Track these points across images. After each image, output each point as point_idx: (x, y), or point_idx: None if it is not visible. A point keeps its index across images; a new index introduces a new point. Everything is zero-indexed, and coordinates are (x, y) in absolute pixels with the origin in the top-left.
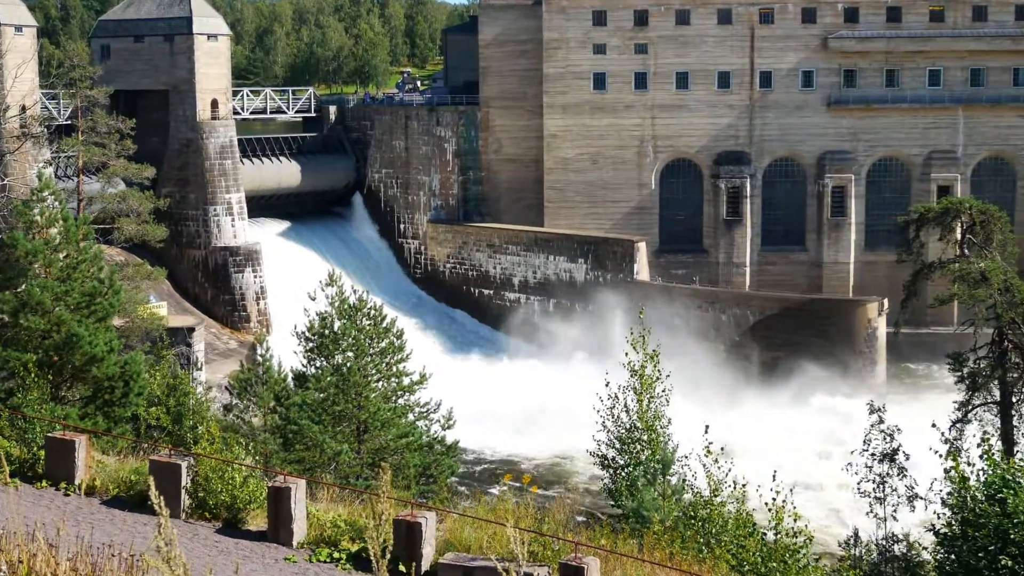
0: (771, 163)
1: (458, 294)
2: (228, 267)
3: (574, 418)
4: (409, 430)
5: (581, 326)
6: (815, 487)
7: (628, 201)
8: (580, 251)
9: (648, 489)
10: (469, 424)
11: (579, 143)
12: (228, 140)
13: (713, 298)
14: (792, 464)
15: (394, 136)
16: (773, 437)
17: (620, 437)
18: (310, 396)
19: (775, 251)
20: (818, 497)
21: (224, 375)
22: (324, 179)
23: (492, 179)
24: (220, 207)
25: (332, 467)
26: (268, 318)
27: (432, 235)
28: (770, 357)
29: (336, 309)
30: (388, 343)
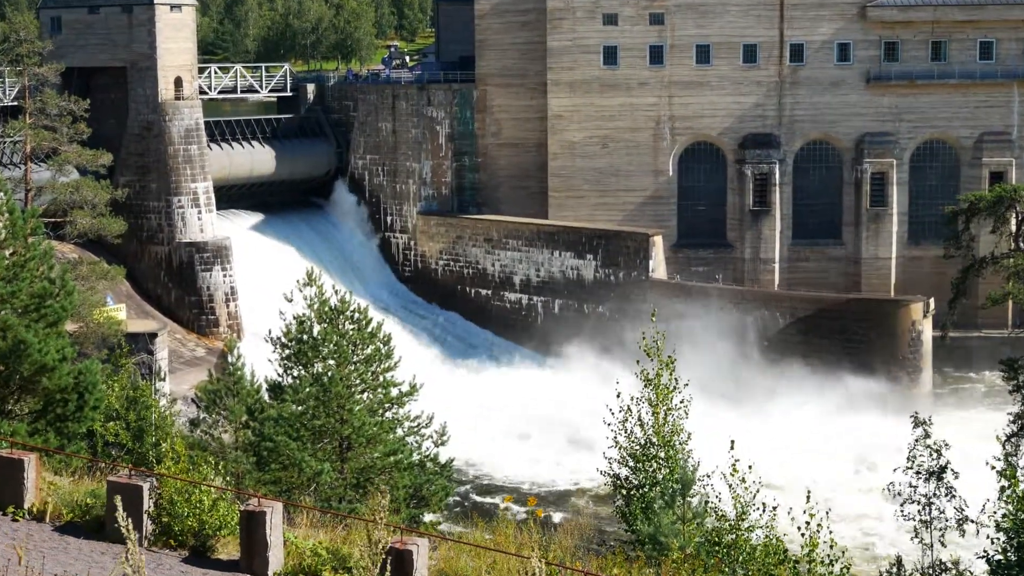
0: (803, 147)
1: (452, 294)
2: (194, 265)
3: (582, 433)
4: (398, 447)
5: (590, 330)
6: (854, 509)
7: (642, 190)
8: (589, 246)
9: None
10: (465, 440)
11: (587, 125)
12: (194, 123)
13: (738, 298)
14: (828, 484)
15: (380, 118)
16: (807, 454)
17: (634, 454)
18: (287, 409)
19: (808, 245)
20: (857, 521)
21: (190, 386)
22: (301, 166)
23: (490, 166)
24: (185, 198)
25: (312, 489)
26: (239, 322)
27: (423, 228)
28: (802, 364)
29: (315, 312)
30: (374, 350)
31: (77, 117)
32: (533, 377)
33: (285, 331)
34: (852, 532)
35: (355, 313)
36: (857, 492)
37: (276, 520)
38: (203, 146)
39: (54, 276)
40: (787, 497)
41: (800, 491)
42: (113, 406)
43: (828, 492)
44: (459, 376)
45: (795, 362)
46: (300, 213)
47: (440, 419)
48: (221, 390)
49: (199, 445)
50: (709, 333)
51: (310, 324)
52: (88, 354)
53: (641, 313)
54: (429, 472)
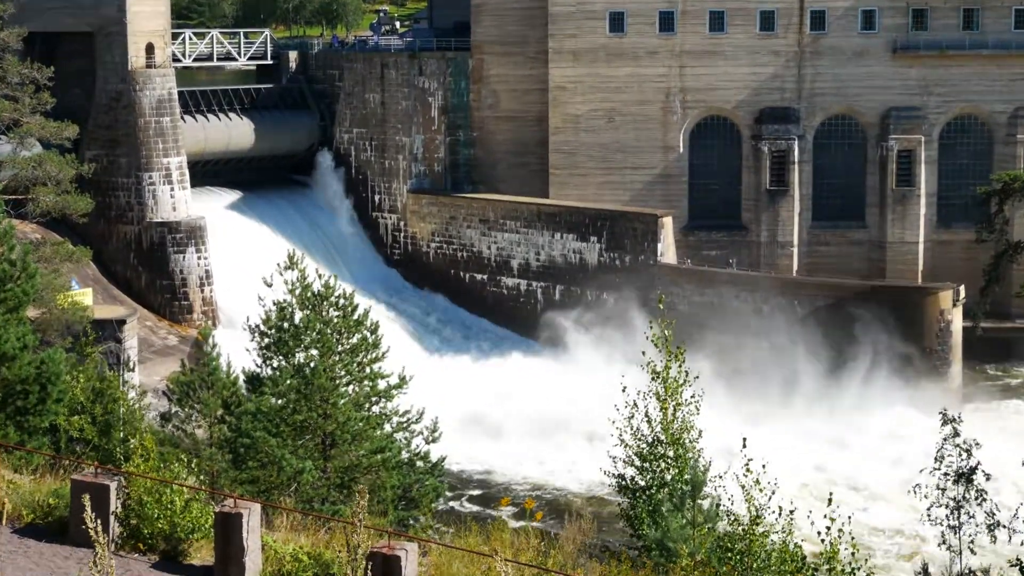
0: (824, 122)
1: (445, 279)
2: (166, 246)
3: (585, 431)
4: (385, 444)
5: (593, 318)
6: (877, 513)
7: (651, 167)
8: (593, 228)
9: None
10: (458, 437)
11: (592, 97)
12: (166, 93)
13: (753, 285)
14: (849, 485)
15: (367, 88)
16: (826, 452)
17: (641, 453)
18: (266, 403)
19: (828, 228)
20: (881, 525)
21: (161, 377)
22: (283, 140)
23: (486, 141)
24: (157, 174)
25: (292, 489)
26: (215, 308)
27: (414, 208)
28: (822, 356)
29: (297, 298)
30: (360, 339)
31: (40, 86)
32: (531, 369)
33: (264, 318)
34: (876, 538)
35: (340, 299)
36: (881, 494)
37: (253, 523)
38: (176, 118)
39: (15, 258)
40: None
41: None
42: (78, 398)
43: (850, 494)
44: (452, 368)
45: (815, 353)
46: (281, 191)
47: (431, 414)
48: (195, 382)
49: (171, 441)
50: (722, 322)
51: (291, 311)
52: (51, 342)
53: (649, 301)
54: (419, 471)
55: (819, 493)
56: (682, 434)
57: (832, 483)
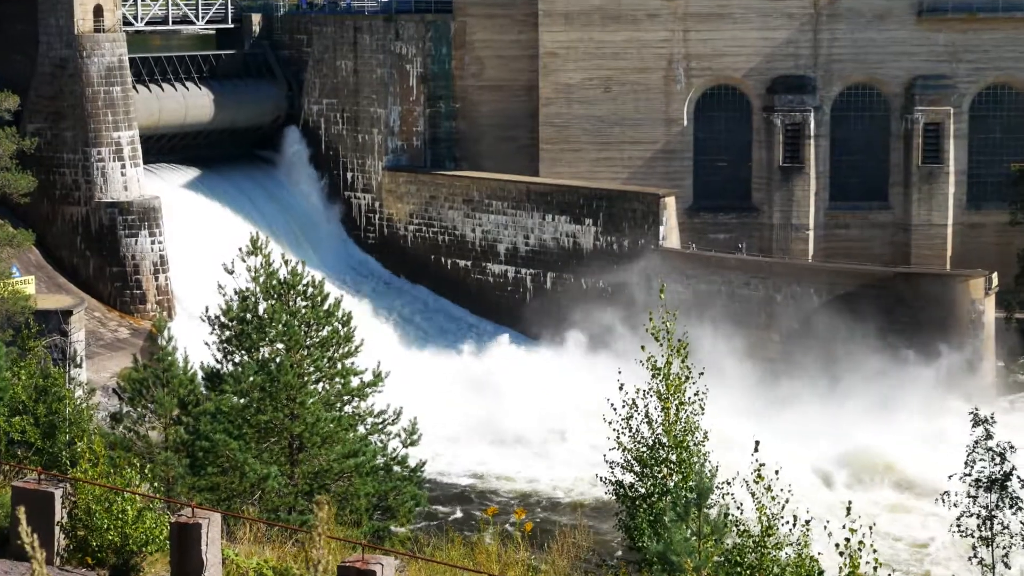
0: (843, 92)
1: (424, 266)
2: (117, 229)
3: (579, 433)
4: (359, 447)
5: (588, 309)
6: (901, 523)
7: (652, 142)
8: (587, 209)
9: (678, 526)
10: (440, 439)
11: (586, 65)
12: (117, 60)
13: (766, 271)
14: (871, 493)
15: (339, 55)
16: (846, 456)
17: (640, 457)
18: (227, 402)
19: (848, 209)
20: (906, 536)
21: (112, 373)
22: (245, 112)
23: (470, 112)
24: (106, 149)
25: (256, 497)
26: (171, 297)
27: (390, 187)
28: (841, 350)
29: (261, 286)
30: (331, 331)
31: None
32: (520, 364)
33: (225, 309)
34: (900, 550)
35: (308, 288)
36: (906, 503)
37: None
38: (128, 88)
39: None
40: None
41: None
42: (19, 397)
43: (871, 502)
44: (432, 363)
45: (832, 347)
46: (243, 168)
47: (409, 414)
48: (148, 379)
49: (122, 444)
50: (730, 313)
51: (255, 300)
52: None
53: (649, 289)
54: (396, 477)
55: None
56: (686, 436)
57: (850, 490)
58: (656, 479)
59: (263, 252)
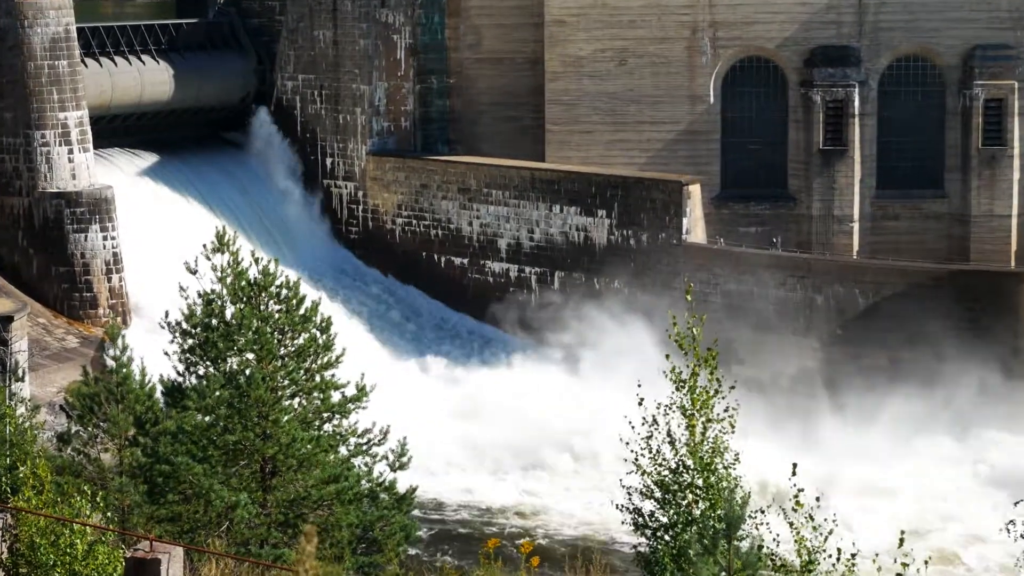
0: (892, 64)
1: (415, 264)
2: (64, 224)
3: (592, 454)
4: (340, 472)
5: (601, 312)
6: (961, 556)
7: (674, 123)
8: (600, 198)
9: (705, 561)
10: (433, 462)
11: (599, 34)
12: (63, 30)
13: (804, 269)
14: (926, 521)
15: (316, 24)
16: (897, 480)
17: (662, 482)
18: (189, 420)
19: (898, 198)
20: (967, 572)
21: (59, 388)
22: (209, 90)
23: (466, 89)
24: (51, 132)
25: (223, 528)
26: (125, 301)
27: (375, 174)
28: (890, 358)
29: (229, 288)
30: (308, 339)
31: None
32: (524, 376)
33: (187, 314)
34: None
35: (282, 289)
36: (967, 533)
37: (175, 570)
38: (76, 62)
39: None
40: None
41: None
42: None
43: (926, 532)
44: (424, 375)
45: (879, 355)
46: (208, 153)
47: (398, 434)
48: (100, 394)
49: (70, 469)
50: (764, 317)
51: (221, 304)
52: None
53: (672, 289)
54: (383, 505)
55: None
56: (714, 458)
57: (900, 519)
58: (680, 507)
59: (230, 249)
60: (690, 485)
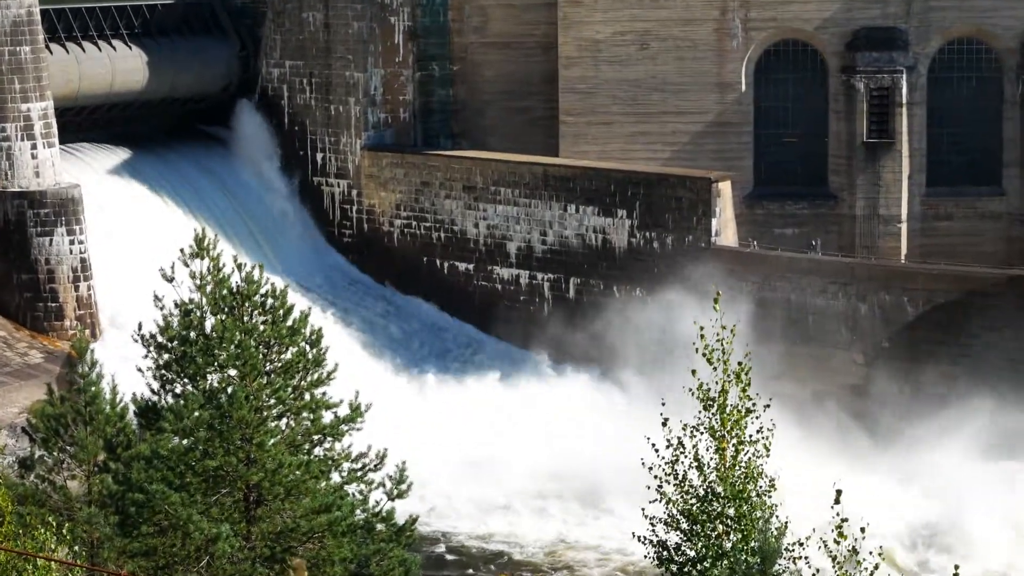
0: (943, 48)
1: (415, 270)
2: (27, 226)
3: (612, 479)
4: (332, 500)
5: (622, 323)
6: None
7: (701, 113)
8: (620, 197)
9: None
10: (437, 489)
11: (618, 15)
12: (25, 12)
13: (847, 275)
14: (985, 552)
15: (305, 4)
16: (950, 509)
17: (689, 511)
18: (165, 444)
19: (951, 196)
20: None
21: (21, 408)
22: (187, 78)
23: (471, 77)
24: (12, 125)
25: (203, 564)
26: (94, 311)
27: (371, 171)
28: (943, 373)
29: (209, 297)
30: (296, 354)
31: None
32: (535, 393)
33: (163, 326)
34: None
35: (268, 298)
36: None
37: None
38: (39, 47)
39: None
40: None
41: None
42: None
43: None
44: (425, 392)
45: (931, 370)
46: (186, 149)
47: (396, 458)
48: (67, 415)
49: (33, 498)
50: (802, 328)
51: (200, 315)
52: None
53: (699, 297)
54: (380, 538)
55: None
56: (746, 484)
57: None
58: (709, 539)
59: (210, 254)
60: (720, 515)
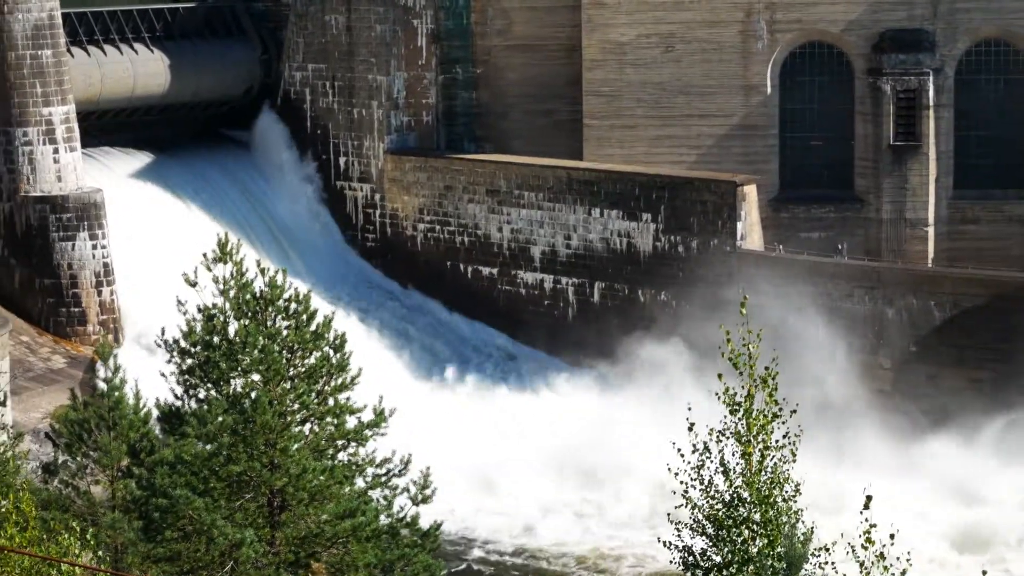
0: (970, 50)
1: (438, 274)
2: (49, 231)
3: (635, 484)
4: (357, 506)
5: (646, 328)
6: None
7: (726, 116)
8: (645, 201)
9: None
10: (461, 494)
11: (642, 17)
12: (47, 16)
13: (873, 279)
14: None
15: (328, 7)
16: (973, 517)
17: (715, 516)
18: (189, 449)
19: (978, 199)
20: None
21: (44, 413)
22: (210, 82)
23: (495, 80)
24: (34, 130)
25: (228, 568)
26: (117, 316)
27: (394, 175)
28: (971, 380)
29: (232, 301)
30: (320, 358)
31: None
32: (560, 399)
33: (186, 331)
34: None
35: (291, 303)
36: None
37: None
38: (61, 51)
39: None
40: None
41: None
42: None
43: None
44: (449, 398)
45: (959, 377)
46: (208, 152)
47: (421, 463)
48: (90, 419)
49: (57, 503)
50: (828, 333)
51: (223, 320)
52: None
53: (725, 302)
54: (404, 543)
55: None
56: (772, 490)
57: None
58: (735, 544)
59: (233, 258)
60: (746, 520)
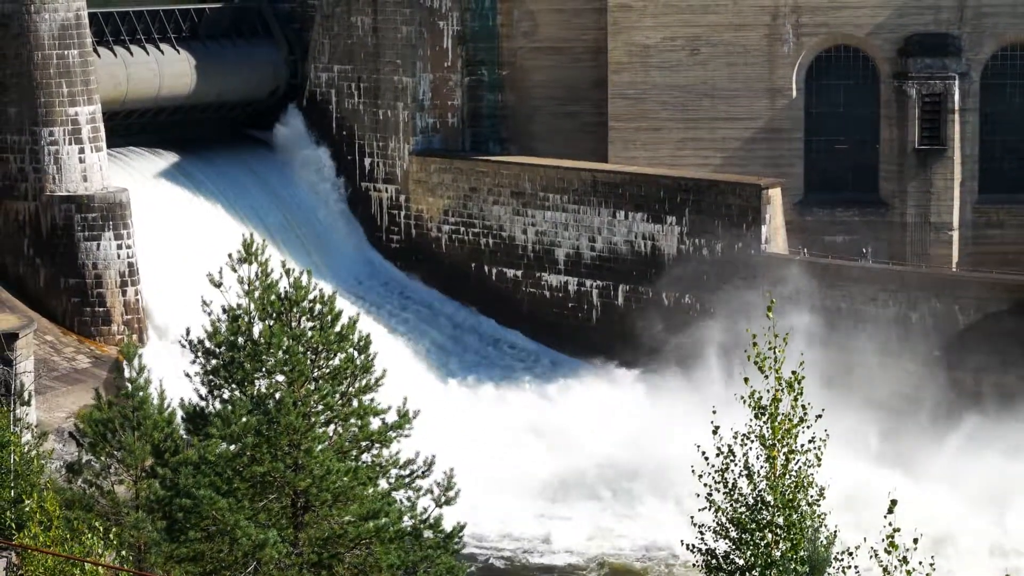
0: (996, 54)
1: (463, 276)
2: (74, 231)
3: (659, 489)
4: (380, 507)
5: (672, 331)
6: None
7: (751, 119)
8: (670, 204)
9: None
10: (484, 496)
11: (668, 20)
12: (73, 16)
13: (897, 282)
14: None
15: (354, 8)
16: (996, 517)
17: (739, 520)
18: (213, 449)
19: (1003, 204)
20: None
21: (68, 413)
22: (235, 82)
23: (520, 82)
24: (60, 130)
25: (251, 569)
26: (142, 316)
27: (419, 177)
28: (996, 383)
29: (256, 302)
30: (345, 360)
31: None
32: (583, 401)
33: (211, 331)
34: None
35: (316, 304)
36: None
37: None
38: (87, 51)
39: None
40: None
41: None
42: None
43: None
44: (473, 400)
45: (983, 380)
46: (233, 153)
47: (444, 464)
48: (114, 419)
49: (81, 502)
50: (852, 336)
51: (248, 321)
52: None
53: (749, 305)
54: (427, 545)
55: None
56: (796, 493)
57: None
58: (759, 547)
59: (258, 259)
60: (770, 523)
